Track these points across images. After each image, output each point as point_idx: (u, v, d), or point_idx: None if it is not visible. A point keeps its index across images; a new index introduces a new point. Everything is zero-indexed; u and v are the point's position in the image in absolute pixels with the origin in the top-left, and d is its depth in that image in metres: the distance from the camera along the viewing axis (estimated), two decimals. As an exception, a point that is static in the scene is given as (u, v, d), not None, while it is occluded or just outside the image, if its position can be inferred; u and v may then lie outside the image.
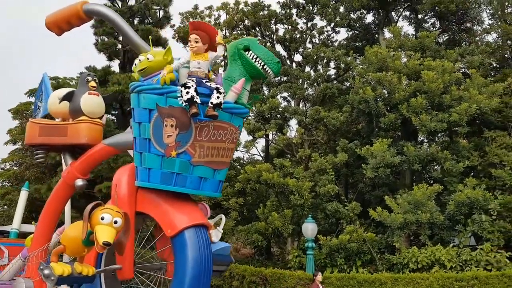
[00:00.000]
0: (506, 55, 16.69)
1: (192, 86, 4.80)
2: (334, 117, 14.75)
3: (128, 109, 17.41)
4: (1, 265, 7.74)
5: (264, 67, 5.41)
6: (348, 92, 15.44)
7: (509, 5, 17.55)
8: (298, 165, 14.76)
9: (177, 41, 17.67)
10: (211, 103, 4.83)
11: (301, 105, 17.67)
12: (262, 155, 18.53)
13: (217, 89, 4.90)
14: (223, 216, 5.67)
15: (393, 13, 17.25)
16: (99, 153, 5.95)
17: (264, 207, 13.74)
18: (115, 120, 18.69)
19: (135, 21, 19.36)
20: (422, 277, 10.47)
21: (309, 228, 11.72)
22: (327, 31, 18.02)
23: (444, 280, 10.23)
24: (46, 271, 4.53)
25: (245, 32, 17.65)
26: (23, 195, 10.50)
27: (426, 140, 15.23)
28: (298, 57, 18.09)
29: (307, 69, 17.36)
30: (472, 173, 13.37)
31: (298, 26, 17.71)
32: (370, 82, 14.07)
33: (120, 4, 19.44)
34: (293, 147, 16.03)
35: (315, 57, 16.55)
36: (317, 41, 17.76)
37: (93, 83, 6.19)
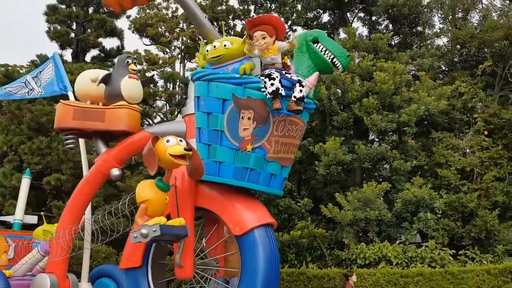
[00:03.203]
0: (455, 59, 17.35)
1: (277, 77, 4.46)
2: (289, 115, 14.84)
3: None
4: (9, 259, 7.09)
5: (334, 60, 5.13)
6: (303, 90, 15.56)
7: (459, 10, 18.25)
8: (253, 162, 14.77)
9: (132, 32, 17.26)
10: (294, 97, 4.51)
11: (257, 102, 17.66)
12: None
13: (299, 82, 4.58)
14: None
15: (348, 14, 17.57)
16: (142, 141, 5.51)
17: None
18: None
19: (90, 10, 18.78)
20: (369, 273, 10.76)
21: (262, 224, 11.77)
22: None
23: (390, 276, 10.56)
24: (144, 230, 4.20)
25: (202, 26, 17.49)
26: (25, 183, 9.60)
27: (376, 139, 15.63)
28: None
29: (264, 66, 17.38)
30: (419, 172, 13.84)
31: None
32: (325, 81, 14.27)
33: (75, -8, 18.79)
34: (248, 144, 16.02)
35: (272, 54, 16.59)
36: (274, 38, 17.87)
37: (133, 66, 5.75)
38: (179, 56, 17.48)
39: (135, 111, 5.74)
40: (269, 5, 18.09)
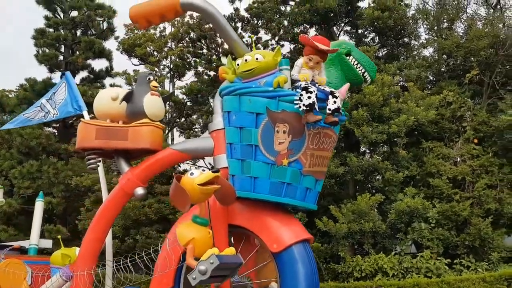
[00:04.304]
0: (442, 69, 17.52)
1: (314, 91, 4.43)
2: (281, 129, 14.87)
3: (70, 121, 16.85)
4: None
5: (364, 74, 5.19)
6: (293, 105, 15.62)
7: (445, 20, 18.52)
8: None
9: (121, 53, 17.29)
10: (329, 109, 4.47)
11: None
12: (209, 167, 18.45)
13: (331, 93, 4.54)
14: (274, 285, 5.33)
15: (334, 28, 17.76)
16: (168, 159, 5.40)
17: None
18: (56, 133, 18.05)
19: (78, 33, 18.86)
20: (365, 285, 10.74)
21: (257, 240, 11.72)
22: (271, 45, 18.30)
23: (386, 288, 10.54)
24: (202, 267, 3.92)
25: (191, 45, 17.58)
26: (39, 207, 9.40)
27: (368, 151, 15.69)
28: (244, 70, 18.15)
29: (254, 81, 17.44)
30: (412, 183, 13.85)
31: (244, 40, 17.86)
32: (314, 95, 14.33)
33: (62, 15, 18.92)
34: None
35: (261, 70, 16.68)
36: (262, 54, 18.01)
37: (155, 83, 5.64)
38: (169, 75, 17.54)
39: (158, 129, 5.60)
40: (256, 21, 18.26)
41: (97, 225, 5.59)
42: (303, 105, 4.39)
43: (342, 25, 17.95)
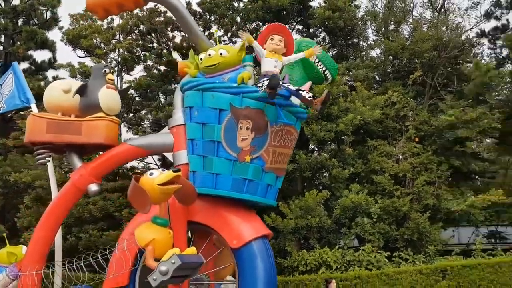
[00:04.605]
0: (387, 70, 18.12)
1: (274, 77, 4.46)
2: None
3: (10, 115, 16.11)
4: None
5: (325, 72, 5.19)
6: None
7: (392, 22, 19.14)
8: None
9: (65, 44, 16.62)
10: (309, 97, 4.48)
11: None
12: (158, 164, 18.20)
13: (298, 90, 4.55)
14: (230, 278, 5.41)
15: (287, 26, 17.90)
16: (123, 154, 5.25)
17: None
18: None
19: (19, 22, 18.03)
20: (310, 279, 11.01)
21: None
22: (224, 41, 18.24)
23: (330, 281, 10.81)
24: (162, 267, 3.82)
25: (140, 38, 17.19)
26: None
27: (316, 149, 15.99)
28: (195, 65, 17.95)
29: (205, 77, 17.28)
30: (356, 179, 14.28)
31: (196, 35, 17.62)
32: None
33: (3, 3, 18.00)
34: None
35: (212, 66, 16.56)
36: (214, 50, 17.89)
37: (111, 76, 5.40)
38: (116, 68, 17.08)
39: (114, 123, 5.40)
40: (208, 17, 18.12)
41: (46, 223, 5.35)
42: (264, 85, 4.46)
43: (295, 23, 18.14)
